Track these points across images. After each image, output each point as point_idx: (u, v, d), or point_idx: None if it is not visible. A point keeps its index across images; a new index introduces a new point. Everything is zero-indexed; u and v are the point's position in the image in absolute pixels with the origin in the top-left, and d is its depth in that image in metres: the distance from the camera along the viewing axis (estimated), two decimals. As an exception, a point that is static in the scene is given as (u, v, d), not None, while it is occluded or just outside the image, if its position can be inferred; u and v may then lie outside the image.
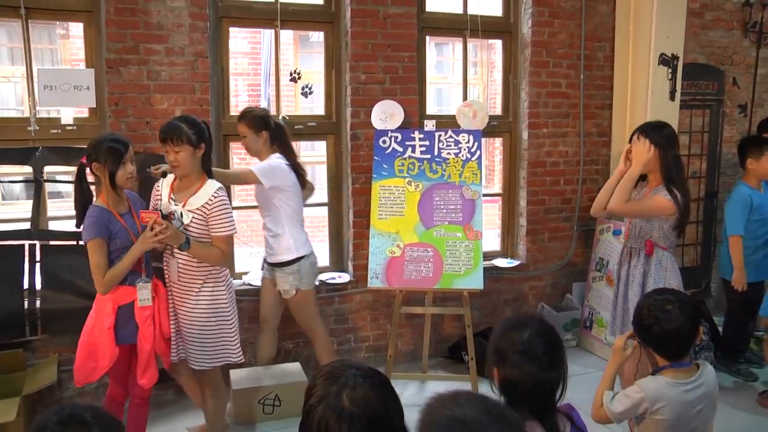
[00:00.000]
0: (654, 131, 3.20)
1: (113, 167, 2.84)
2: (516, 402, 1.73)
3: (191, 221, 2.98)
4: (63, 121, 3.87)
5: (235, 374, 3.90)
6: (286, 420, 3.79)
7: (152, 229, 2.83)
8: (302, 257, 3.71)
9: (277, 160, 3.68)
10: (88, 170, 2.94)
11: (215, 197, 2.97)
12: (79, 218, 2.91)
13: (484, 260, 3.98)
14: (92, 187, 3.10)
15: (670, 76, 4.59)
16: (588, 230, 5.08)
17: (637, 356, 2.44)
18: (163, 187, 3.13)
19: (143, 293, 2.93)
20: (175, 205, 3.02)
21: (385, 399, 1.37)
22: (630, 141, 3.34)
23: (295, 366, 4.13)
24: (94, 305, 2.95)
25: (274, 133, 3.72)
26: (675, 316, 2.18)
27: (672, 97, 4.61)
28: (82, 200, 2.92)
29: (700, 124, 5.32)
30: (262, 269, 3.96)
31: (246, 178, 3.63)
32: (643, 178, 3.31)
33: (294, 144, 3.93)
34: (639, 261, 3.27)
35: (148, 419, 3.22)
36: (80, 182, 2.93)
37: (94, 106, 3.88)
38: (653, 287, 3.06)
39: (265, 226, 3.78)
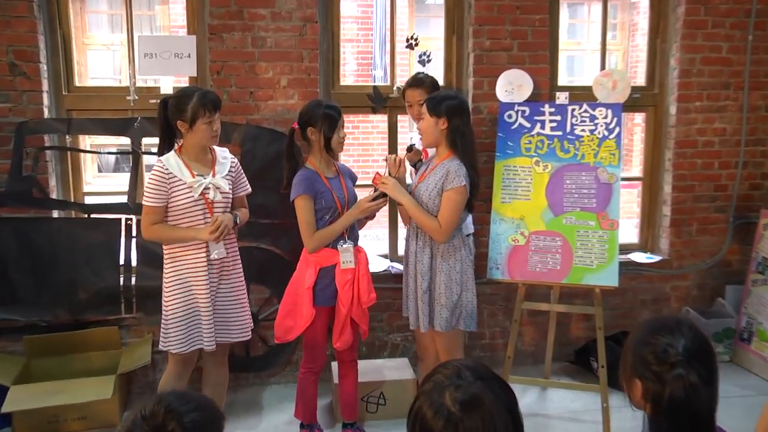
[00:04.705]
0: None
1: (329, 132, 3.15)
2: (664, 421, 1.61)
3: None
4: (162, 91, 3.94)
5: (337, 367, 3.87)
6: (391, 421, 3.73)
7: (374, 199, 3.17)
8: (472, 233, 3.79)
9: None
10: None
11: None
12: (289, 181, 3.19)
13: (620, 254, 3.80)
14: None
15: None
16: (747, 223, 4.70)
17: None
18: (176, 169, 2.96)
19: (346, 255, 3.18)
20: (204, 178, 3.01)
21: (495, 408, 1.31)
22: None
23: (402, 361, 4.15)
24: (299, 265, 3.25)
25: None
26: None
27: None
28: (292, 164, 3.21)
29: None
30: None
31: None
32: None
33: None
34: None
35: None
36: (291, 147, 3.22)
37: (195, 75, 3.99)
38: None
39: None
